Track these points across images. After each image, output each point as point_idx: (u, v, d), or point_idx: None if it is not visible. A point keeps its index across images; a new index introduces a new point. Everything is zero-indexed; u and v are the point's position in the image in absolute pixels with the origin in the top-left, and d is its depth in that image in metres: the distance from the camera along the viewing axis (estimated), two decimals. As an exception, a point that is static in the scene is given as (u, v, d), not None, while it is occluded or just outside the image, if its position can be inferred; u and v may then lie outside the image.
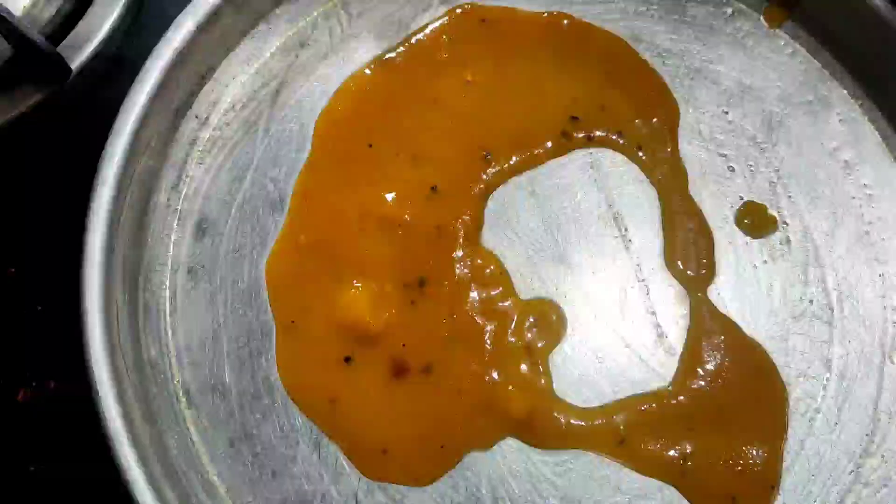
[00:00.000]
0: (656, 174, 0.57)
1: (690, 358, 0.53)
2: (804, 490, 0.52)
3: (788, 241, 0.56)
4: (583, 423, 0.52)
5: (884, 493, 0.52)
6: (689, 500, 0.52)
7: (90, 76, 0.54)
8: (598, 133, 0.57)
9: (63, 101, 0.54)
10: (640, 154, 0.57)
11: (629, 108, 0.58)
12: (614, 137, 0.57)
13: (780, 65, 0.59)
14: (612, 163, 0.57)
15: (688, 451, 0.52)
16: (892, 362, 0.54)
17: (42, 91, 0.53)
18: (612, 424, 0.52)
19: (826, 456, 0.53)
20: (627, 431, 0.52)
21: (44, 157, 0.57)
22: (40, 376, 0.54)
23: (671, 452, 0.52)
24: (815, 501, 0.52)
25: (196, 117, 0.56)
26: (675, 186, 0.56)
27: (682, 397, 0.53)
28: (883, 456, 0.53)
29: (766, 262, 0.55)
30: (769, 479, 0.52)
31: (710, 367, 0.53)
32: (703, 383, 0.53)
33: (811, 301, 0.55)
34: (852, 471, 0.53)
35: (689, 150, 0.57)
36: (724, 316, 0.54)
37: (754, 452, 0.52)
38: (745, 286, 0.55)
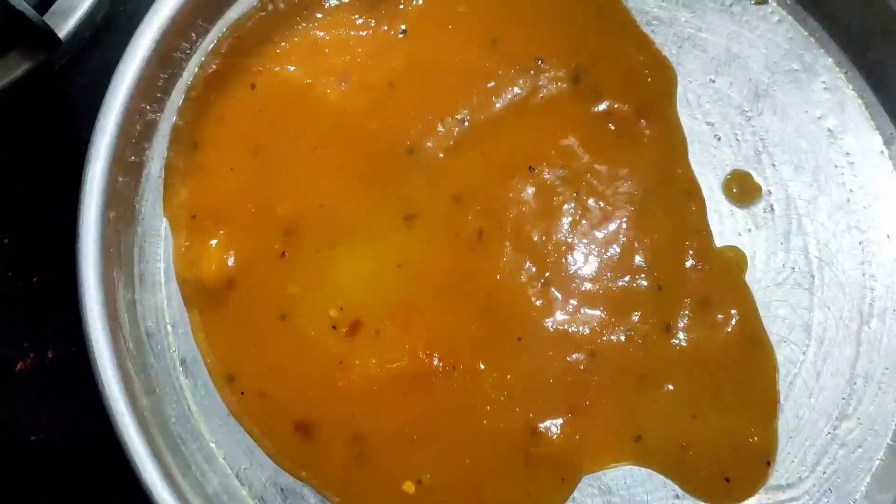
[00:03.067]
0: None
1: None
2: (782, 451, 0.54)
3: (772, 209, 0.57)
4: None
5: (858, 453, 0.54)
6: (682, 488, 0.53)
7: (80, 43, 0.54)
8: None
9: (54, 68, 0.54)
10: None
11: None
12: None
13: (767, 32, 0.59)
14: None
15: (688, 439, 0.53)
16: (870, 327, 0.56)
17: (32, 60, 0.53)
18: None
19: (804, 418, 0.54)
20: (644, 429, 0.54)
21: (37, 125, 0.57)
22: (38, 347, 0.55)
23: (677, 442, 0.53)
24: (792, 462, 0.54)
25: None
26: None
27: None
28: (859, 419, 0.55)
29: (749, 230, 0.57)
30: (766, 454, 0.54)
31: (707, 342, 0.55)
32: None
33: (793, 268, 0.56)
34: (829, 433, 0.54)
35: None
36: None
37: (752, 430, 0.54)
38: (730, 255, 0.57)
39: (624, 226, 0.56)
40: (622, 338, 0.54)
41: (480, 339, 0.53)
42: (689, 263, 0.55)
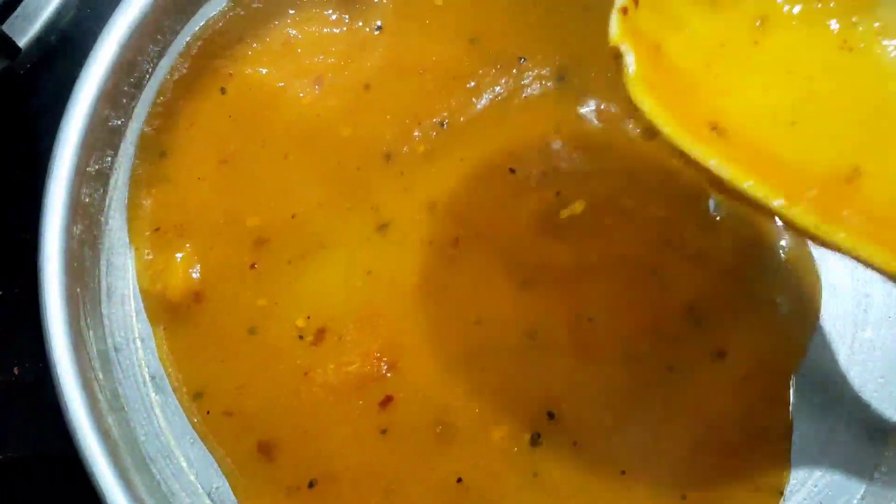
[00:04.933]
0: None
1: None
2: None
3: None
4: None
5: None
6: None
7: (44, 49, 0.52)
8: None
9: (18, 75, 0.52)
10: None
11: None
12: None
13: None
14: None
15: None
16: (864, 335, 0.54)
17: (-6, 65, 0.51)
18: None
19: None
20: None
21: (2, 135, 0.55)
22: (3, 363, 0.53)
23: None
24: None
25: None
26: None
27: None
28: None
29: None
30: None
31: None
32: None
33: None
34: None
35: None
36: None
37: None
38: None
39: (619, 229, 0.53)
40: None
41: (452, 347, 0.51)
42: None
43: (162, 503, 0.48)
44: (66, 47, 0.54)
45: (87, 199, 0.49)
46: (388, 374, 0.51)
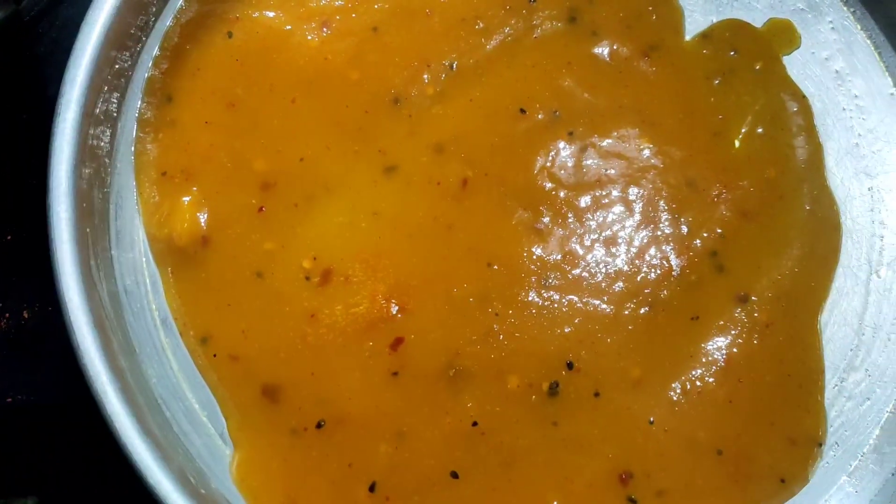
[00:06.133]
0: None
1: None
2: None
3: (779, 154, 0.55)
4: None
5: (866, 406, 0.53)
6: None
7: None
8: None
9: (23, 21, 0.51)
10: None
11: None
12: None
13: (772, -32, 0.57)
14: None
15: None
16: (879, 276, 0.54)
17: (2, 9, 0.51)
18: None
19: (811, 371, 0.53)
20: None
21: (5, 80, 0.54)
22: (14, 307, 0.53)
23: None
24: (799, 415, 0.52)
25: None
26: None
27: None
28: (867, 370, 0.53)
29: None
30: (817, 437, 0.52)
31: None
32: None
33: (801, 216, 0.54)
34: (836, 385, 0.53)
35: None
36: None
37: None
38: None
39: (636, 165, 0.53)
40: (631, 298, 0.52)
41: (464, 289, 0.51)
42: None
43: (175, 443, 0.48)
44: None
45: (95, 142, 0.49)
46: (399, 316, 0.50)
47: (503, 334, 0.51)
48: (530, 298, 0.51)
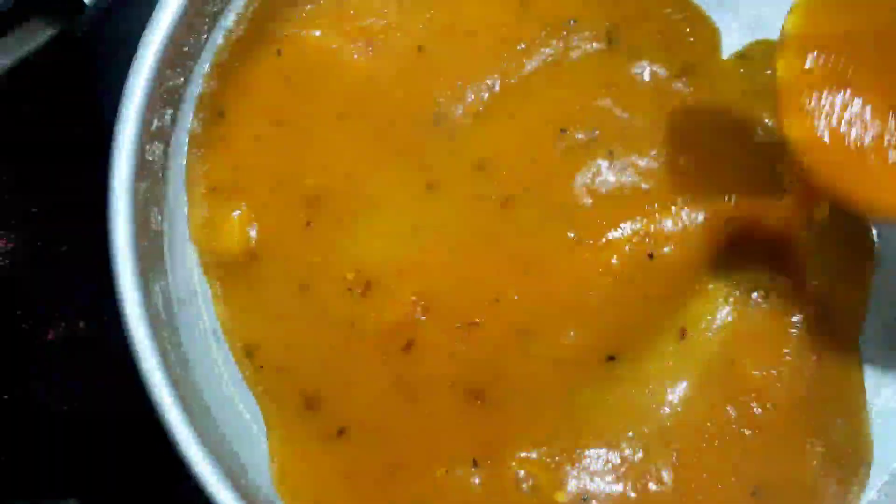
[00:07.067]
0: None
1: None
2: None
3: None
4: None
5: None
6: None
7: (103, 8, 0.52)
8: None
9: (77, 36, 0.53)
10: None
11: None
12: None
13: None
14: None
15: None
16: None
17: (54, 26, 0.52)
18: None
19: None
20: None
21: (60, 95, 0.56)
22: (69, 317, 0.55)
23: None
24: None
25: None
26: None
27: None
28: None
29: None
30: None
31: None
32: None
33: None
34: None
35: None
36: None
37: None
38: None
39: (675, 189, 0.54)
40: None
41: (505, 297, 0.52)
42: None
43: (229, 454, 0.50)
44: (124, 8, 0.54)
45: (151, 158, 0.50)
46: (423, 318, 0.52)
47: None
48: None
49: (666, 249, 0.53)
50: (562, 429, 0.52)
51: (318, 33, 0.55)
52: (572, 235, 0.53)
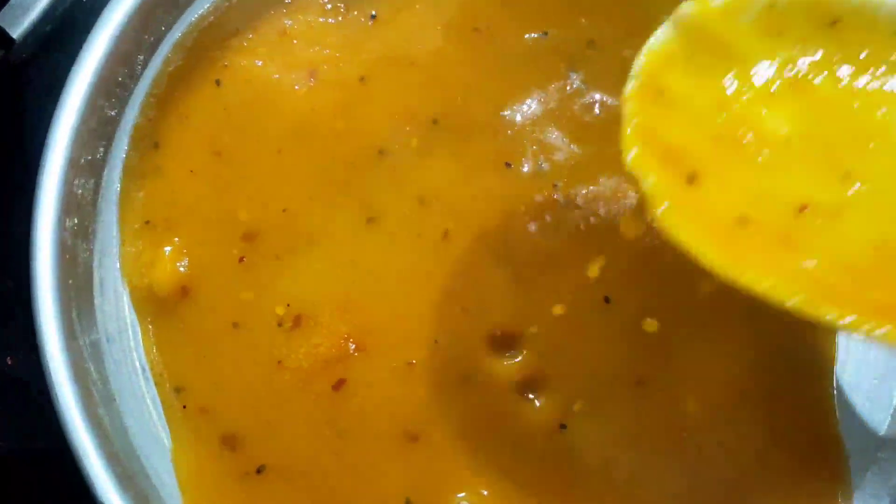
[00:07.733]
0: None
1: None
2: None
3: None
4: None
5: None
6: None
7: (37, 40, 0.52)
8: None
9: (10, 67, 0.52)
10: None
11: None
12: None
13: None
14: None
15: None
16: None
17: (-17, 61, 0.51)
18: None
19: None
20: None
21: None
22: (-2, 353, 0.54)
23: None
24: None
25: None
26: None
27: None
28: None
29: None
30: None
31: None
32: None
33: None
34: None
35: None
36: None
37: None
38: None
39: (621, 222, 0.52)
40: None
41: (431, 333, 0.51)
42: None
43: (152, 495, 0.48)
44: (60, 38, 0.53)
45: (80, 192, 0.49)
46: (356, 354, 0.51)
47: None
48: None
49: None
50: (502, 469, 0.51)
51: (259, 63, 0.54)
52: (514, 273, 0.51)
